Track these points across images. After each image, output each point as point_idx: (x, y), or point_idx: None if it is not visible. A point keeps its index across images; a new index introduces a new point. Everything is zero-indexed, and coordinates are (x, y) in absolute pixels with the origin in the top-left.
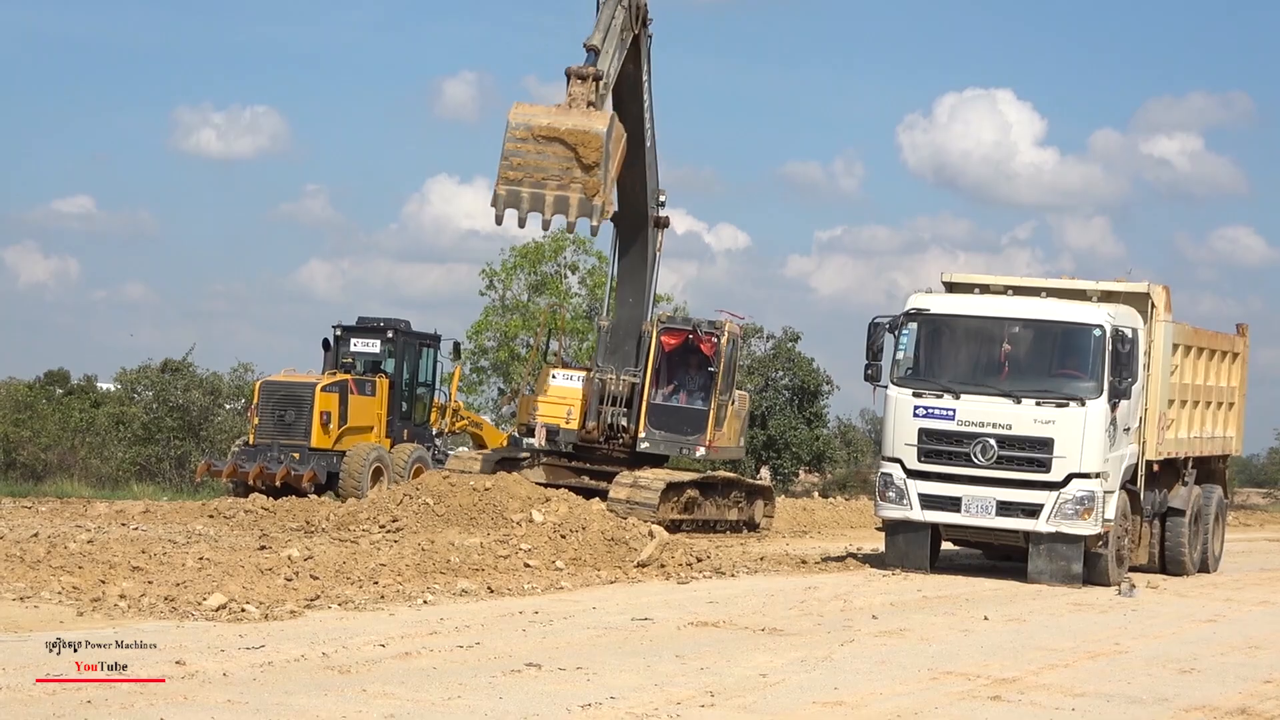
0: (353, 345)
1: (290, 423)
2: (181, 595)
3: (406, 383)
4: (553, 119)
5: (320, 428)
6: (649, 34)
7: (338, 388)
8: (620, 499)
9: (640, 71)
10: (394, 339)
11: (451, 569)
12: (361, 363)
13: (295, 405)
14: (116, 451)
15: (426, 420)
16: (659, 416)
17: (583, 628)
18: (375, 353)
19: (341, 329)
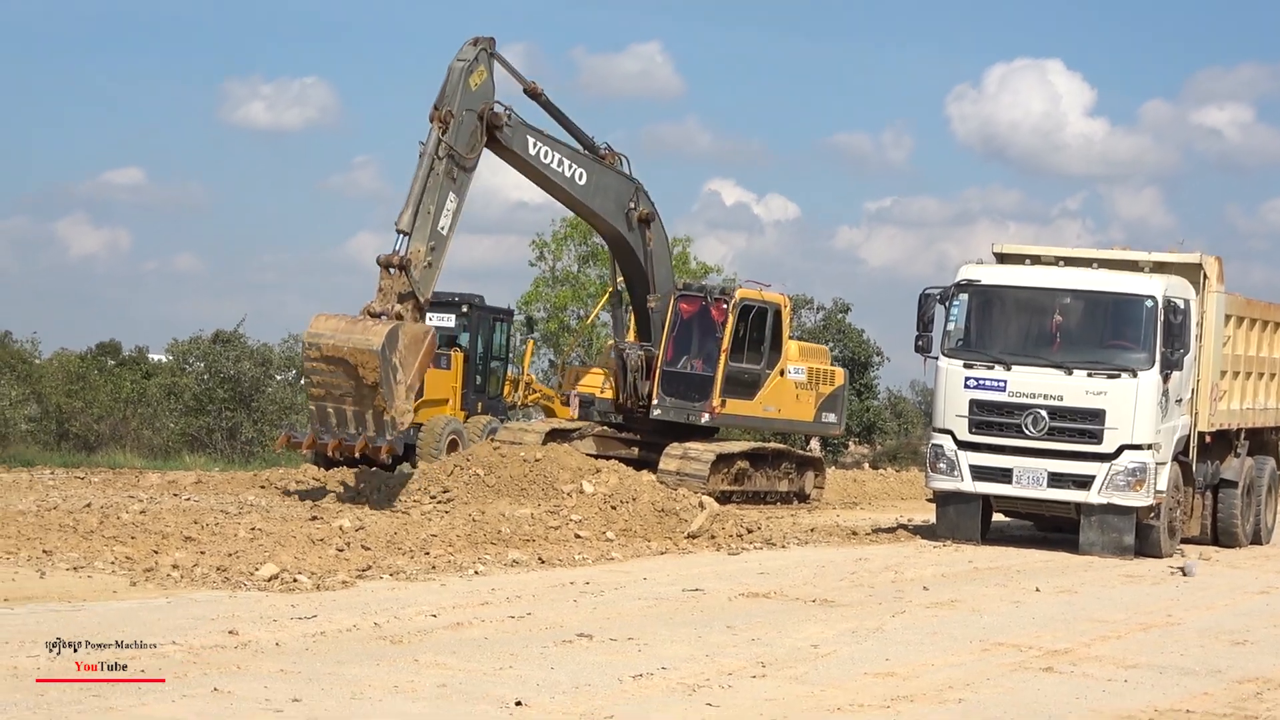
0: (427, 319)
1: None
2: (234, 565)
3: (480, 356)
4: (337, 338)
5: None
6: (509, 124)
7: None
8: (670, 470)
9: (526, 150)
10: (469, 313)
11: (502, 540)
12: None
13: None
14: (168, 422)
15: (500, 393)
16: (672, 383)
17: (634, 598)
18: (450, 327)
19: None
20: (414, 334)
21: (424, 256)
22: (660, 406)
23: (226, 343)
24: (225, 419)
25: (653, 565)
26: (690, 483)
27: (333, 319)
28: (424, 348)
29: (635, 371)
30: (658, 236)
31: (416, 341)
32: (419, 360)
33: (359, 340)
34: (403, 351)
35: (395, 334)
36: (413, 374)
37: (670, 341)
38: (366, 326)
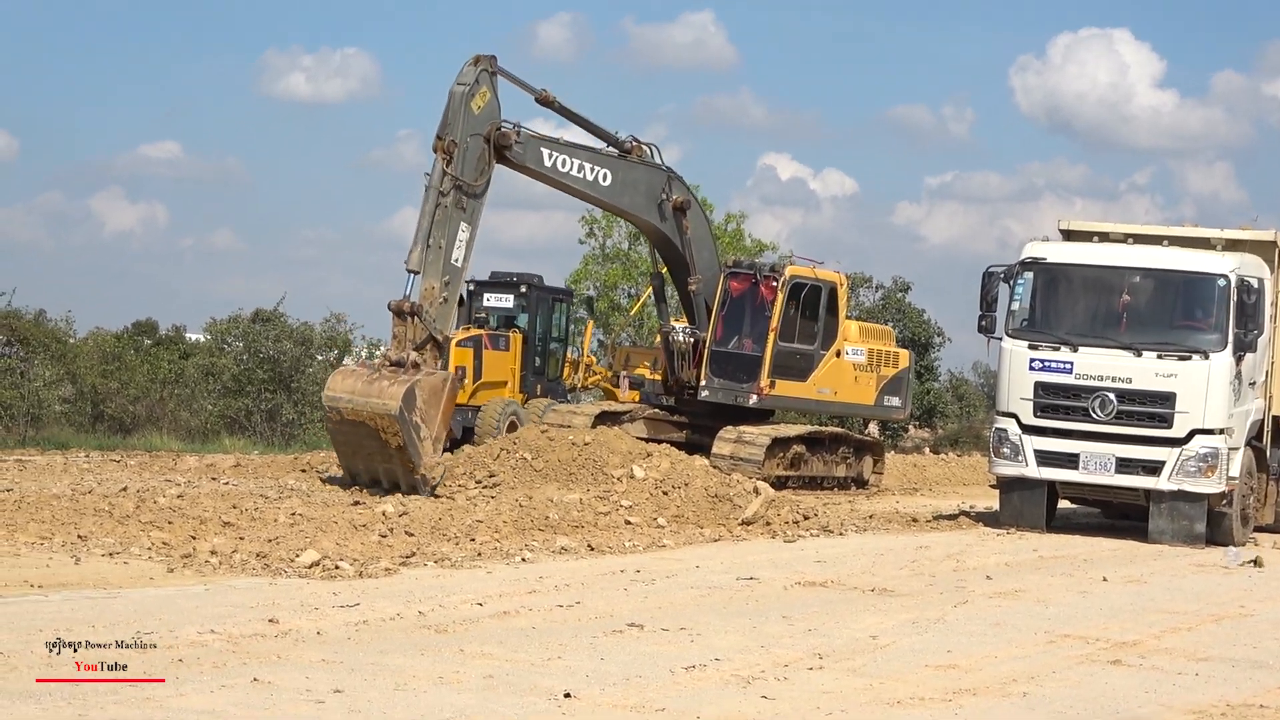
0: (486, 300)
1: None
2: (274, 552)
3: (540, 338)
4: (355, 401)
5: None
6: (519, 141)
7: (472, 343)
8: (724, 455)
9: (541, 164)
10: (527, 294)
11: (550, 526)
12: (495, 318)
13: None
14: (206, 404)
15: (559, 375)
16: (720, 364)
17: (686, 587)
18: (509, 308)
19: (475, 284)
20: (432, 386)
21: (439, 293)
22: (708, 387)
23: (266, 321)
24: (265, 401)
25: (706, 553)
26: (745, 467)
27: (350, 377)
28: (445, 395)
29: (681, 354)
30: (695, 221)
31: (436, 393)
32: (442, 408)
33: (376, 405)
34: (423, 407)
35: (411, 393)
36: (437, 426)
37: (719, 321)
38: (383, 388)
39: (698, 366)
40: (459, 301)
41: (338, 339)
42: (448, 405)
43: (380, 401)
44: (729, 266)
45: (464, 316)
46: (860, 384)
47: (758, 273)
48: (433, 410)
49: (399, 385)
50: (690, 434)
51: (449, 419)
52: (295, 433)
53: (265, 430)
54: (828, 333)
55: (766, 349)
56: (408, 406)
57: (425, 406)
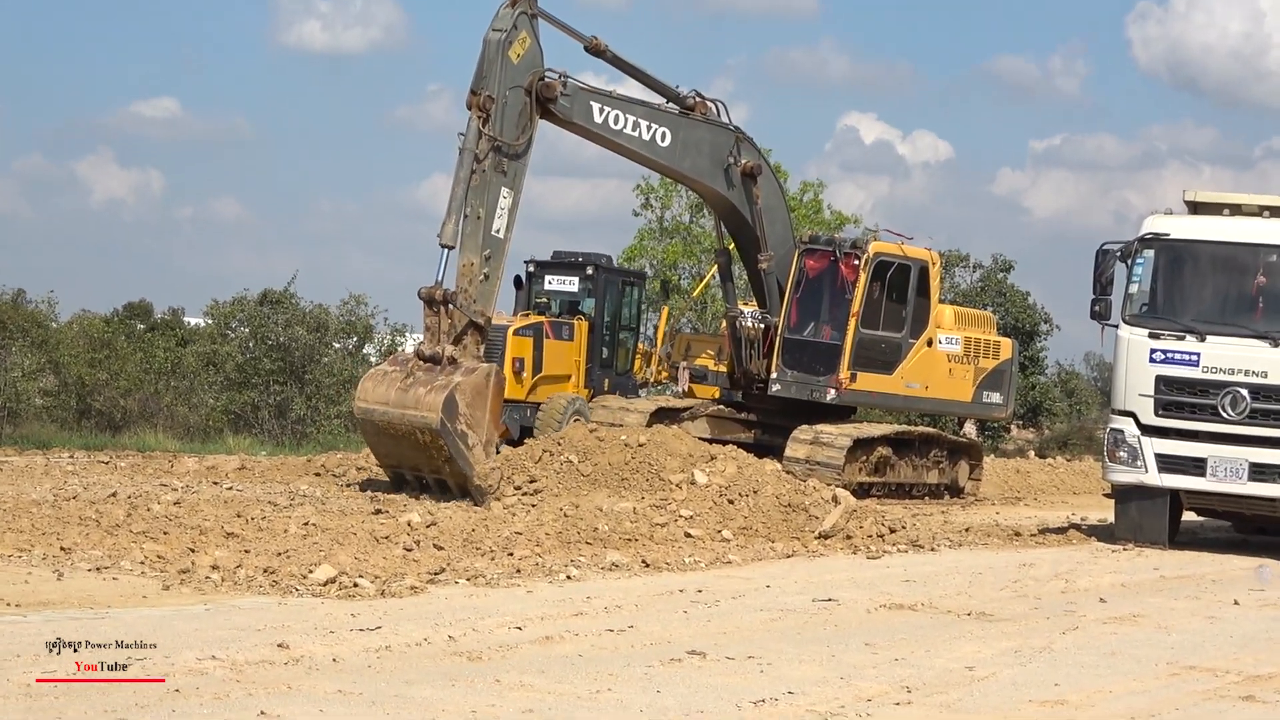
0: (547, 283)
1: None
2: (283, 567)
3: (608, 325)
4: (390, 412)
5: (513, 376)
6: (566, 94)
7: (532, 331)
8: (799, 458)
9: (591, 120)
10: (594, 276)
11: (599, 539)
12: (558, 303)
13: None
14: (207, 398)
15: (630, 368)
16: (793, 354)
17: (754, 610)
18: (573, 291)
19: (535, 264)
20: (474, 386)
21: (479, 269)
22: (779, 380)
23: (276, 304)
24: (274, 394)
25: (777, 570)
26: (822, 472)
27: (382, 382)
28: (490, 393)
29: (750, 342)
30: (766, 189)
31: (480, 393)
32: (489, 408)
33: (415, 417)
34: (467, 412)
35: (452, 401)
36: (486, 428)
37: (793, 304)
38: (420, 396)
39: (768, 357)
40: (516, 284)
41: (357, 324)
42: (495, 403)
43: (418, 414)
44: (805, 242)
45: (523, 301)
46: (955, 377)
47: (837, 249)
48: (479, 412)
49: (436, 393)
50: (760, 434)
51: (499, 417)
52: (308, 431)
53: (274, 428)
54: (918, 318)
55: (847, 337)
56: (449, 416)
57: (470, 410)
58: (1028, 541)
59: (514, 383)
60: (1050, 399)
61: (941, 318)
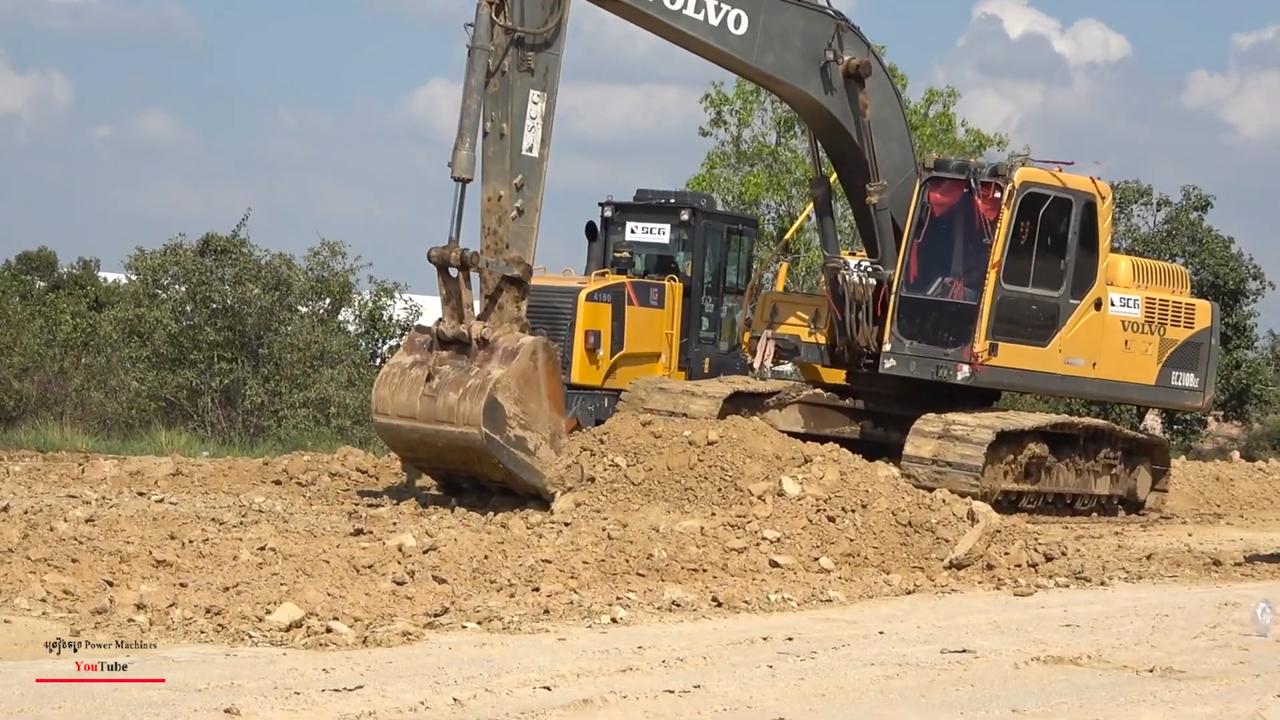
0: (630, 232)
1: None
2: (232, 606)
3: (709, 287)
4: (419, 428)
5: (585, 354)
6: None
7: (610, 295)
8: (923, 458)
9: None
10: (691, 223)
11: (655, 568)
12: (643, 258)
13: (547, 322)
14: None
15: (738, 342)
16: (914, 318)
17: (863, 664)
18: (663, 243)
19: (613, 208)
20: (519, 375)
21: (509, 203)
22: (894, 355)
23: (222, 254)
24: (219, 375)
25: (893, 611)
26: (954, 478)
27: (400, 388)
28: (543, 374)
29: (856, 303)
30: (879, 97)
31: (528, 380)
32: (545, 394)
33: (452, 434)
34: (517, 411)
35: (494, 407)
36: (547, 419)
37: (913, 252)
38: (452, 406)
39: (880, 322)
40: (589, 233)
41: (330, 282)
42: (552, 384)
43: (455, 430)
44: (930, 169)
45: (597, 257)
46: (1133, 352)
47: (973, 179)
48: (533, 404)
49: (472, 399)
50: (870, 426)
51: (561, 401)
52: (265, 424)
53: (219, 420)
54: (1081, 272)
55: (985, 295)
56: (494, 426)
57: (520, 408)
58: (1230, 573)
59: (587, 363)
60: (1260, 382)
61: (1114, 271)
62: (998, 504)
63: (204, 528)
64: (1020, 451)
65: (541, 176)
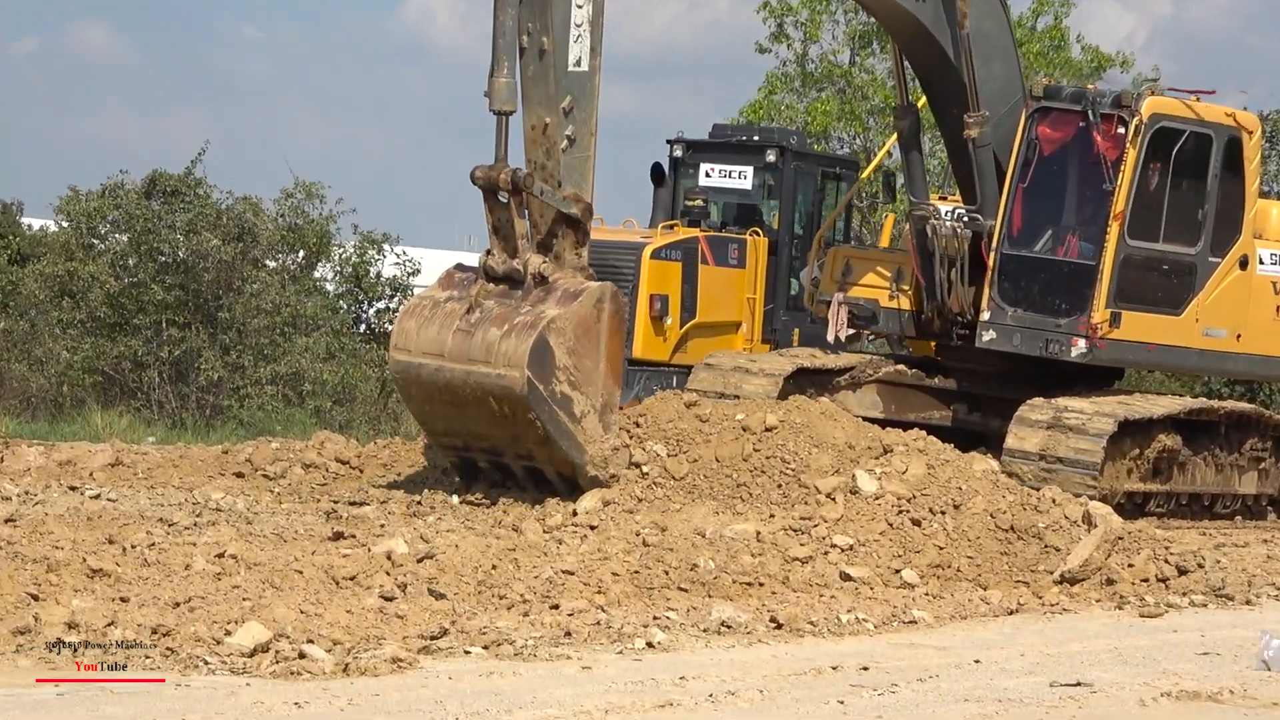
0: (704, 175)
1: None
2: (184, 626)
3: (800, 243)
4: (448, 369)
5: (649, 323)
6: None
7: (680, 252)
8: (1028, 452)
9: None
10: (779, 165)
11: (700, 581)
12: (719, 208)
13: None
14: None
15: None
16: (1018, 279)
17: (954, 699)
18: (745, 189)
19: (684, 146)
20: (579, 320)
21: (557, 130)
22: (994, 325)
23: (172, 196)
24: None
25: (992, 635)
26: (1067, 475)
27: (432, 321)
28: (605, 327)
29: (949, 260)
30: (981, 4)
31: (588, 330)
32: (604, 352)
33: (486, 376)
34: (569, 364)
35: (544, 348)
36: (602, 383)
37: (1018, 198)
38: (493, 343)
39: (978, 283)
40: (655, 177)
41: (306, 232)
42: (614, 343)
43: (492, 372)
44: (1039, 97)
45: (665, 205)
46: None
47: (1091, 109)
48: (589, 360)
49: (519, 336)
50: (964, 411)
51: (620, 366)
52: (225, 404)
53: (169, 399)
54: (1223, 223)
55: (1106, 253)
56: (540, 373)
57: (574, 360)
58: None
59: (652, 334)
60: None
61: (1264, 222)
62: (1120, 507)
63: (149, 530)
64: (1148, 444)
65: (594, 94)
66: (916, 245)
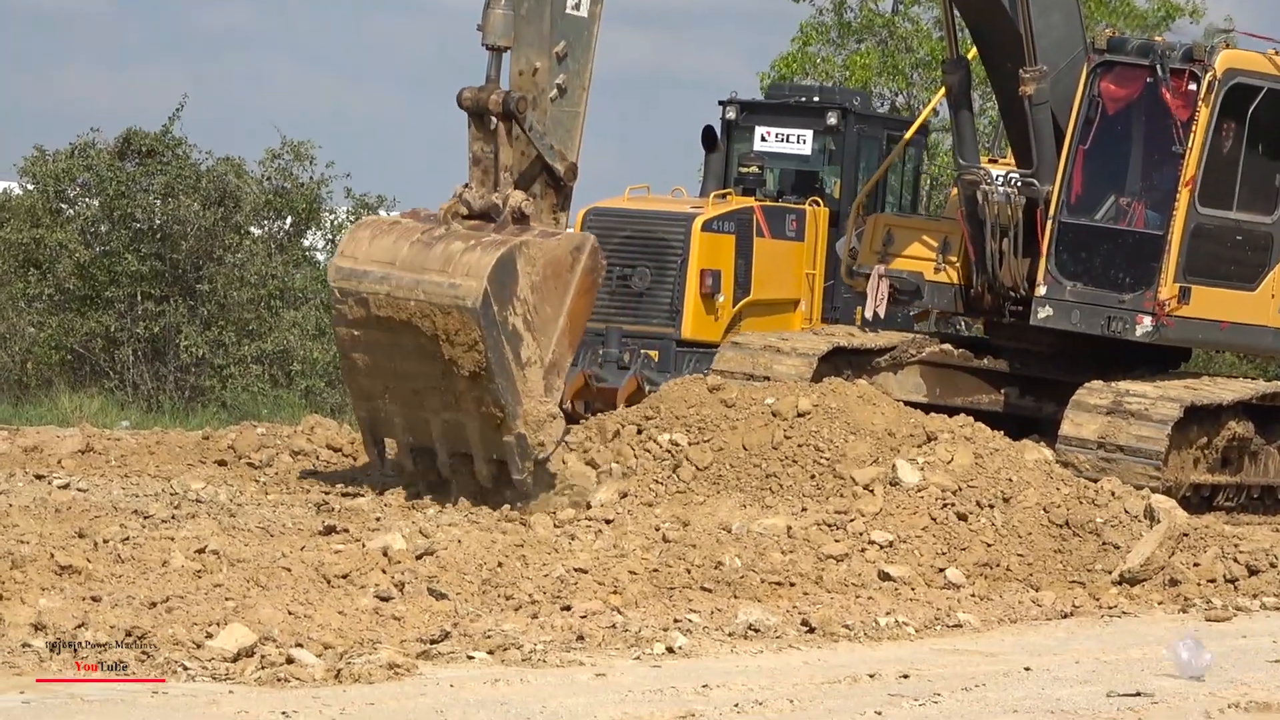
0: (759, 140)
1: (643, 290)
2: (161, 628)
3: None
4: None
5: (700, 301)
6: None
7: (733, 224)
8: (1085, 440)
9: None
10: (840, 129)
11: (725, 581)
12: (777, 175)
13: (653, 258)
14: (23, 324)
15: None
16: (1077, 250)
17: (1003, 710)
18: (804, 154)
19: (738, 107)
20: (550, 257)
21: (547, 77)
22: (1050, 300)
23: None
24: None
25: (1044, 640)
26: (1127, 465)
27: (387, 234)
28: (575, 280)
29: (1000, 228)
30: None
31: (558, 274)
32: (568, 306)
33: (437, 286)
34: (530, 301)
35: (509, 265)
36: (555, 338)
37: (1077, 163)
38: (453, 255)
39: (1034, 256)
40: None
41: (294, 196)
42: (579, 302)
43: (445, 281)
44: (1102, 50)
45: (716, 172)
46: None
47: (1159, 65)
48: (550, 306)
49: (486, 250)
50: (1015, 395)
51: (579, 333)
52: (206, 385)
53: (145, 379)
54: None
55: (1175, 223)
56: (499, 293)
57: (536, 299)
58: None
59: (702, 312)
60: None
61: None
62: (1185, 500)
63: (123, 523)
64: (1216, 432)
65: (591, 43)
66: (965, 213)
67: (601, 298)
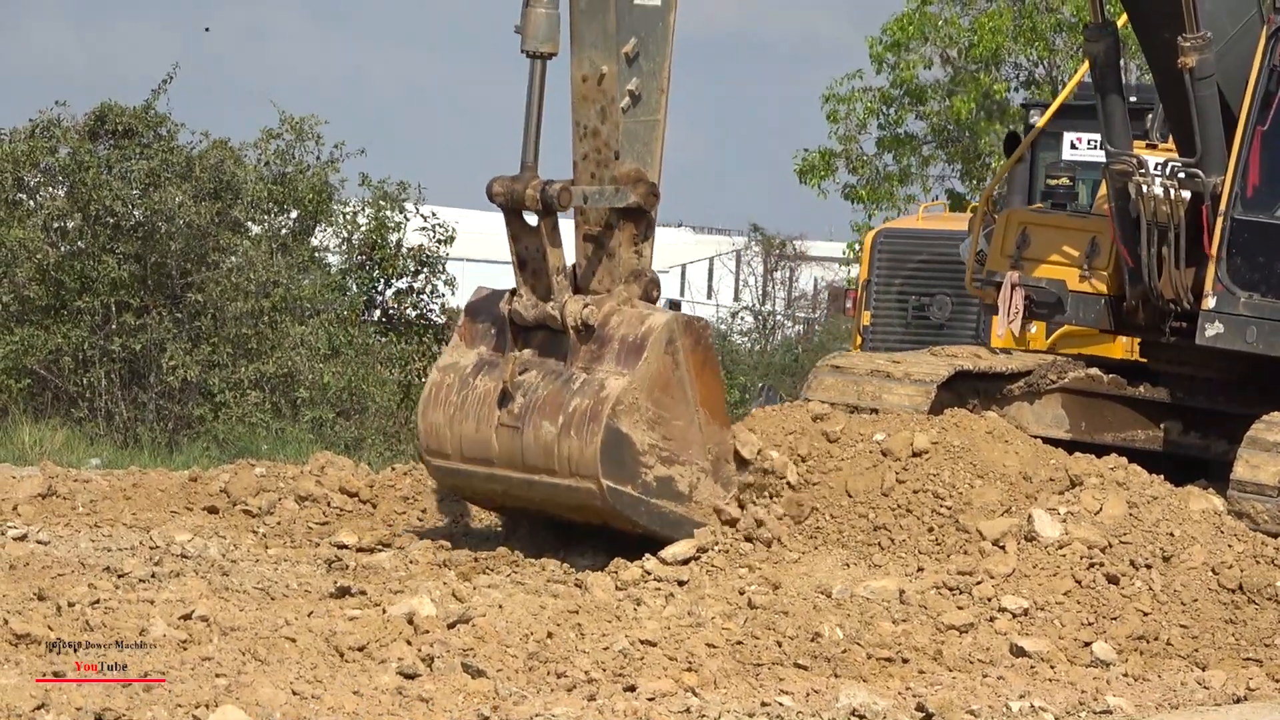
0: (1068, 147)
1: (942, 322)
2: (139, 711)
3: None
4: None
5: (1009, 332)
6: None
7: None
8: (1263, 485)
9: None
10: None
11: (825, 656)
12: (1089, 186)
13: (947, 282)
14: None
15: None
16: (1254, 257)
17: None
18: None
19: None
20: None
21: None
22: (1221, 315)
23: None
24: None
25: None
26: None
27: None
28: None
29: (1159, 229)
30: None
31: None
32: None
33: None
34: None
35: (617, 444)
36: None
37: (1253, 150)
38: (547, 443)
39: (1200, 262)
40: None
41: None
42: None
43: (560, 483)
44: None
45: (1020, 184)
46: None
47: None
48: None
49: (581, 434)
50: (1178, 430)
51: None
52: (196, 414)
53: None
54: None
55: None
56: (619, 473)
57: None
58: None
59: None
60: None
61: None
62: None
63: (93, 582)
64: None
65: (668, 37)
66: (1116, 210)
67: (894, 329)
